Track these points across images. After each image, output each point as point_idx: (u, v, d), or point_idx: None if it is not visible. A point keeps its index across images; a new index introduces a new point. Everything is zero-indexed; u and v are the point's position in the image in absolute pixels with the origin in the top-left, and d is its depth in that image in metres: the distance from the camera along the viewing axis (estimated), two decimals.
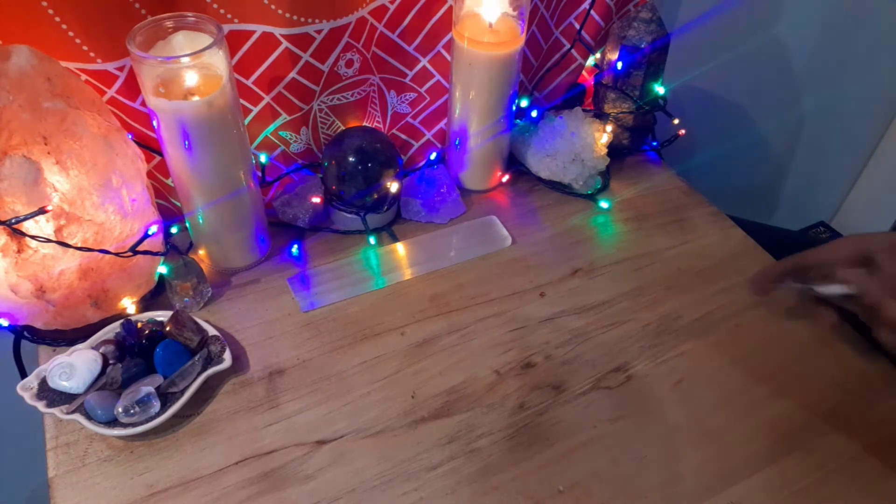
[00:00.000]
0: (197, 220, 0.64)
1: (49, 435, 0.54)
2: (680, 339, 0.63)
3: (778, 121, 1.23)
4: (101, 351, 0.56)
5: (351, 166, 0.68)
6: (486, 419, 0.56)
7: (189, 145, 0.56)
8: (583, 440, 0.55)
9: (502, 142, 0.76)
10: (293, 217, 0.72)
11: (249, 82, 0.64)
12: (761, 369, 0.61)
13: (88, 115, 0.54)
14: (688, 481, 0.53)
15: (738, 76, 1.11)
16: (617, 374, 0.60)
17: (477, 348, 0.62)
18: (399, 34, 0.70)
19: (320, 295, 0.66)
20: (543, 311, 0.65)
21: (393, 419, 0.56)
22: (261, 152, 0.69)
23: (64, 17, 0.54)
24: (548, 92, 0.85)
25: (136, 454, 0.53)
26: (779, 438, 0.56)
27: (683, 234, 0.74)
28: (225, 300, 0.65)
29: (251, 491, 0.51)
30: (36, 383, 0.54)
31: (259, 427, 0.55)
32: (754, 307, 0.66)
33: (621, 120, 0.81)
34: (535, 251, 0.72)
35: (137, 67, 0.54)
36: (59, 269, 0.54)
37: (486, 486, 0.52)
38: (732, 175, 1.24)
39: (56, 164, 0.51)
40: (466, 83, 0.70)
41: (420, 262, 0.70)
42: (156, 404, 0.53)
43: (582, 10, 0.78)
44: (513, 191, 0.79)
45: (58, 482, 0.51)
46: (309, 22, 0.62)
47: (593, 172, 0.78)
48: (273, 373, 0.59)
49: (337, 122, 0.73)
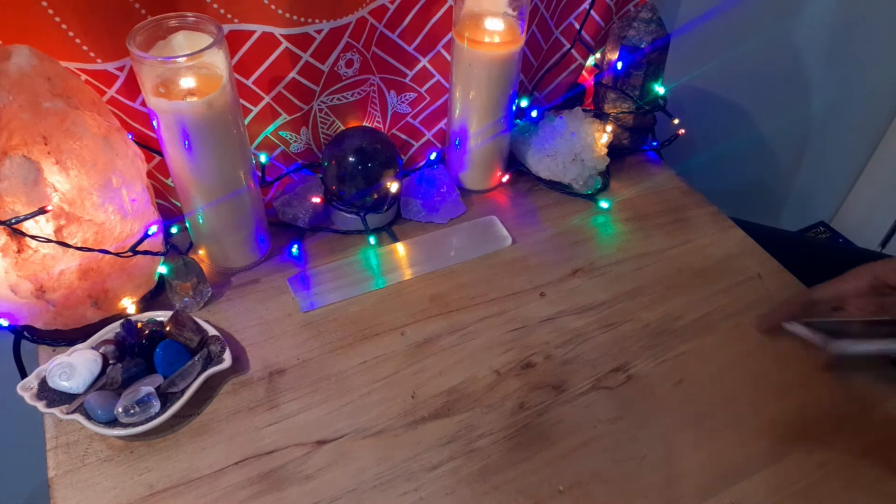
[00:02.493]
0: (197, 220, 0.64)
1: (49, 435, 0.54)
2: (680, 339, 0.63)
3: (778, 121, 1.23)
4: (101, 351, 0.56)
5: (351, 166, 0.68)
6: (486, 419, 0.56)
7: (189, 145, 0.56)
8: (583, 440, 0.55)
9: (502, 142, 0.76)
10: (293, 217, 0.72)
11: (249, 82, 0.64)
12: (761, 369, 0.61)
13: (88, 115, 0.54)
14: (688, 481, 0.53)
15: (738, 76, 1.11)
16: (617, 374, 0.60)
17: (477, 348, 0.62)
18: (399, 34, 0.70)
19: (320, 295, 0.66)
20: (543, 311, 0.65)
21: (393, 419, 0.56)
22: (261, 152, 0.69)
23: (64, 17, 0.54)
24: (548, 92, 0.85)
25: (136, 454, 0.53)
26: (779, 438, 0.56)
27: (683, 234, 0.74)
28: (225, 300, 0.65)
29: (251, 491, 0.51)
30: (36, 383, 0.54)
31: (259, 427, 0.55)
32: (754, 307, 0.66)
33: (621, 120, 0.81)
34: (535, 251, 0.72)
35: (137, 67, 0.54)
36: (59, 269, 0.54)
37: (486, 486, 0.52)
38: (732, 175, 1.24)
39: (56, 164, 0.51)
40: (466, 83, 0.70)
41: (420, 262, 0.70)
42: (156, 404, 0.53)
43: (582, 10, 0.78)
44: (513, 191, 0.79)
45: (58, 482, 0.51)
46: (309, 22, 0.62)
47: (593, 172, 0.78)
48: (273, 373, 0.59)
49: (337, 122, 0.73)
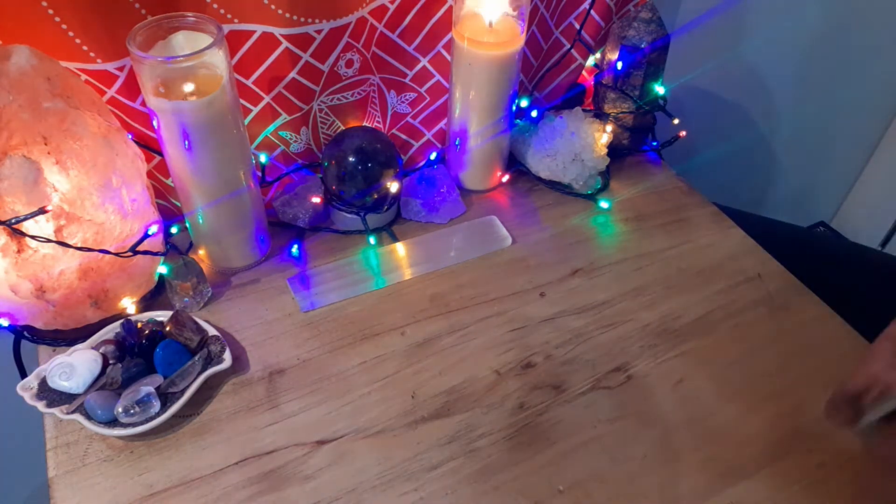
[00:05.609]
0: (197, 220, 0.64)
1: (49, 435, 0.54)
2: (680, 339, 0.63)
3: (778, 121, 1.23)
4: (101, 351, 0.56)
5: (351, 166, 0.68)
6: (486, 419, 0.56)
7: (189, 145, 0.56)
8: (583, 440, 0.55)
9: (502, 142, 0.76)
10: (293, 217, 0.72)
11: (249, 82, 0.64)
12: (761, 369, 0.61)
13: (88, 115, 0.54)
14: (688, 481, 0.53)
15: (738, 76, 1.11)
16: (617, 374, 0.60)
17: (477, 348, 0.62)
18: (399, 34, 0.70)
19: (320, 295, 0.66)
20: (543, 311, 0.65)
21: (393, 419, 0.56)
22: (261, 152, 0.69)
23: (64, 17, 0.54)
24: (548, 92, 0.85)
25: (136, 454, 0.53)
26: (779, 438, 0.56)
27: (683, 234, 0.74)
28: (225, 300, 0.65)
29: (251, 491, 0.51)
30: (36, 383, 0.54)
31: (259, 427, 0.55)
32: (754, 307, 0.66)
33: (621, 120, 0.81)
34: (535, 251, 0.72)
35: (137, 67, 0.54)
36: (59, 269, 0.54)
37: (486, 486, 0.52)
38: (732, 175, 1.24)
39: (56, 164, 0.51)
40: (466, 83, 0.70)
41: (420, 262, 0.70)
42: (156, 404, 0.53)
43: (582, 10, 0.78)
44: (513, 191, 0.79)
45: (58, 482, 0.51)
46: (309, 22, 0.62)
47: (593, 172, 0.78)
48: (273, 373, 0.59)
49: (337, 122, 0.73)
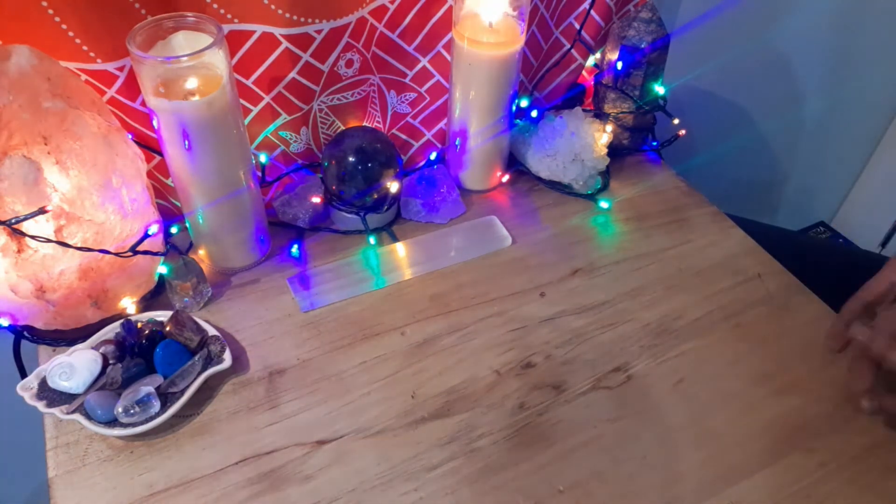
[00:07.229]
0: (197, 220, 0.64)
1: (49, 435, 0.54)
2: (680, 339, 0.63)
3: (778, 121, 1.23)
4: (101, 351, 0.56)
5: (351, 166, 0.68)
6: (486, 419, 0.56)
7: (189, 145, 0.56)
8: (583, 440, 0.55)
9: (502, 142, 0.76)
10: (293, 217, 0.72)
11: (249, 82, 0.64)
12: (761, 369, 0.61)
13: (88, 115, 0.54)
14: (688, 481, 0.53)
15: (738, 76, 1.11)
16: (617, 374, 0.60)
17: (477, 348, 0.62)
18: (399, 34, 0.70)
19: (320, 295, 0.66)
20: (543, 311, 0.65)
21: (393, 419, 0.56)
22: (261, 152, 0.69)
23: (64, 17, 0.54)
24: (548, 92, 0.85)
25: (136, 454, 0.53)
26: (779, 438, 0.56)
27: (683, 234, 0.74)
28: (225, 300, 0.65)
29: (251, 491, 0.51)
30: (36, 383, 0.54)
31: (259, 427, 0.55)
32: (754, 307, 0.66)
33: (621, 120, 0.81)
34: (535, 251, 0.72)
35: (137, 67, 0.54)
36: (59, 269, 0.54)
37: (486, 486, 0.52)
38: (732, 175, 1.24)
39: (56, 164, 0.51)
40: (466, 83, 0.70)
41: (420, 262, 0.70)
42: (156, 404, 0.53)
43: (582, 10, 0.78)
44: (513, 191, 0.79)
45: (58, 482, 0.51)
46: (309, 22, 0.62)
47: (593, 172, 0.78)
48: (273, 373, 0.59)
49: (337, 122, 0.73)
